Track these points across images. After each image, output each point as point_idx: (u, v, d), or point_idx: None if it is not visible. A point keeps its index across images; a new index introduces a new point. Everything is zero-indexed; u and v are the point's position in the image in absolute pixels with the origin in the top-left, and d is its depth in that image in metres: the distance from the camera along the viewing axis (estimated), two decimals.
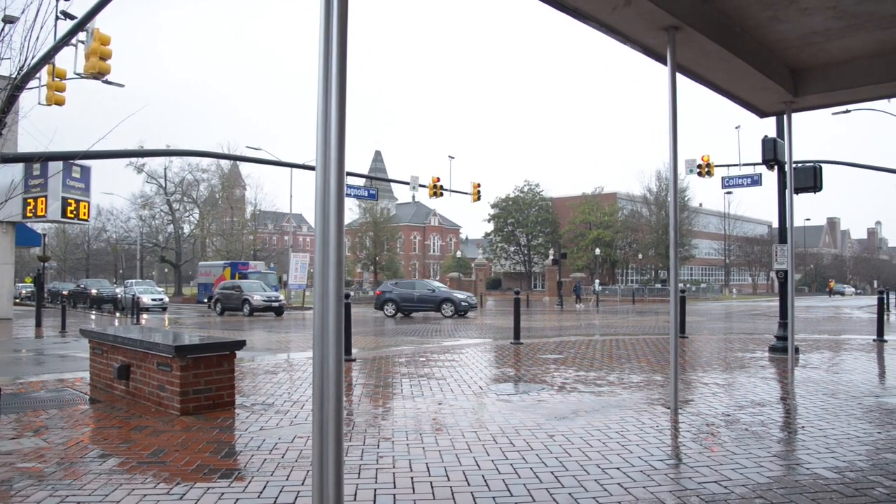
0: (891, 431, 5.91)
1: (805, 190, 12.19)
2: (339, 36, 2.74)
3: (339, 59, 2.73)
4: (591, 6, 5.70)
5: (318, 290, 2.71)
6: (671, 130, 6.57)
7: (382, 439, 5.68)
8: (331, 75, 2.73)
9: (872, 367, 10.35)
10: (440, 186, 32.56)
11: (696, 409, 6.93)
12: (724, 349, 12.90)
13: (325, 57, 2.74)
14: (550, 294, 60.76)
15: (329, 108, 2.73)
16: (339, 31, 2.73)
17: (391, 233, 77.79)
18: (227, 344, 7.06)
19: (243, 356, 11.29)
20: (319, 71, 2.75)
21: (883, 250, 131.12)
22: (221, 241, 62.35)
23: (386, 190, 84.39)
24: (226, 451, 5.30)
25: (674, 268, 6.71)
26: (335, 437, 2.69)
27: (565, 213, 71.60)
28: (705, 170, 29.07)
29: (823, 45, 7.45)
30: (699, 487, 4.34)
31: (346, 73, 2.75)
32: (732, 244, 79.93)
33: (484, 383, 8.66)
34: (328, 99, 2.73)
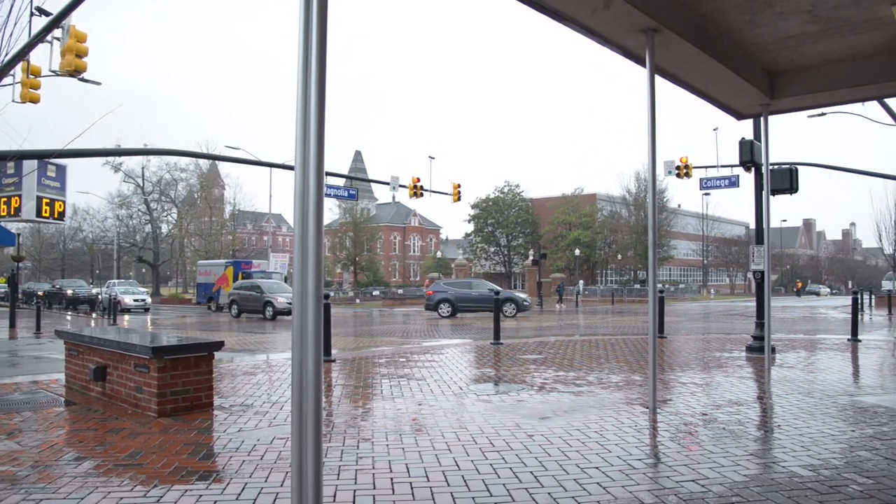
0: (864, 430, 6.00)
1: (781, 191, 12.33)
2: (319, 36, 2.73)
3: (318, 59, 2.73)
4: (570, 8, 5.73)
5: (297, 291, 2.70)
6: (650, 132, 6.62)
7: (362, 440, 5.67)
8: (310, 74, 2.72)
9: (847, 366, 10.49)
10: (420, 187, 32.55)
11: (675, 409, 6.99)
12: (702, 349, 13.02)
13: (305, 56, 2.74)
14: (530, 294, 60.91)
15: (308, 107, 2.72)
16: (318, 31, 2.73)
17: (371, 233, 77.63)
18: (205, 345, 7.00)
19: (222, 357, 11.22)
20: (299, 70, 2.75)
21: (857, 251, 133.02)
22: (200, 241, 61.85)
23: (366, 190, 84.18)
24: (204, 452, 5.26)
25: (652, 268, 6.76)
26: (314, 438, 2.68)
27: (545, 213, 71.88)
28: (684, 171, 29.31)
29: (799, 48, 7.55)
30: (677, 486, 4.38)
31: (325, 72, 2.75)
32: (710, 245, 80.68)
33: (464, 383, 8.67)
34: (307, 98, 2.72)
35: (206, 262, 45.21)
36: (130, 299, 37.79)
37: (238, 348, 14.80)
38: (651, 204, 6.84)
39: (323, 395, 7.69)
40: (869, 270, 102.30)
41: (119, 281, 50.71)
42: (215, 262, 42.53)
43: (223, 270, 38.64)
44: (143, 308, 38.02)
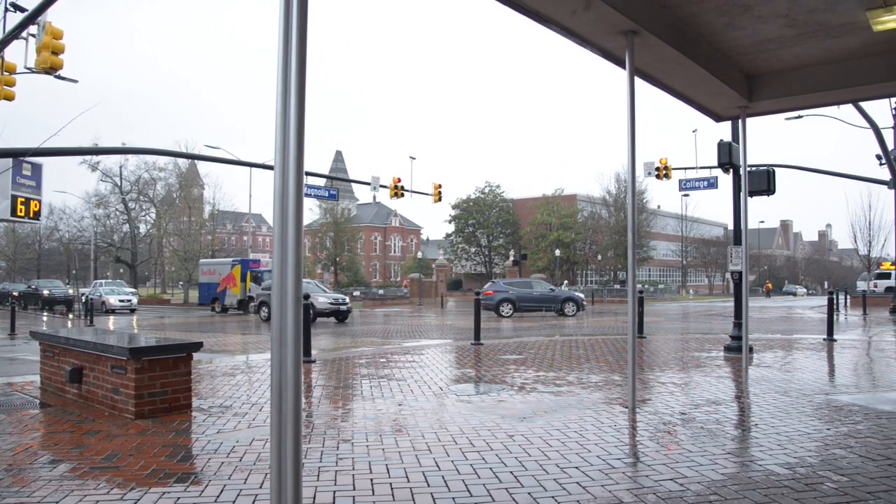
0: (839, 428, 6.08)
1: (759, 193, 12.47)
2: (299, 36, 2.72)
3: (298, 59, 2.71)
4: (551, 9, 5.75)
5: (277, 292, 2.69)
6: (629, 133, 6.66)
7: (342, 441, 5.65)
8: (289, 74, 2.71)
9: (823, 365, 10.63)
10: (401, 187, 32.52)
11: (654, 409, 7.03)
12: (681, 349, 13.12)
13: (284, 56, 2.73)
14: None
15: (288, 107, 2.71)
16: (298, 31, 2.72)
17: (352, 233, 77.39)
18: (183, 346, 6.94)
19: (200, 358, 11.13)
20: (278, 70, 2.74)
21: (833, 252, 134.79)
22: (178, 241, 61.28)
23: (347, 190, 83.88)
24: (182, 454, 5.21)
25: (632, 269, 6.80)
26: (293, 439, 2.66)
27: (526, 214, 72.12)
28: (663, 172, 29.54)
29: (776, 52, 7.64)
30: (656, 485, 4.41)
31: (305, 72, 2.74)
32: (689, 246, 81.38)
33: (444, 384, 8.67)
34: (287, 98, 2.71)
35: (210, 260, 43.21)
36: (116, 300, 36.73)
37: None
38: (631, 205, 6.88)
39: (303, 397, 7.66)
40: (844, 271, 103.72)
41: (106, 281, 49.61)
42: (220, 261, 40.54)
43: (229, 270, 36.72)
44: (130, 309, 36.89)
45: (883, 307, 30.48)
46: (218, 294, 36.76)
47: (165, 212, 61.87)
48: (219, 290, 36.75)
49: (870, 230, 49.00)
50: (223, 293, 36.41)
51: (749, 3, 6.30)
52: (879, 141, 25.41)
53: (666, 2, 6.35)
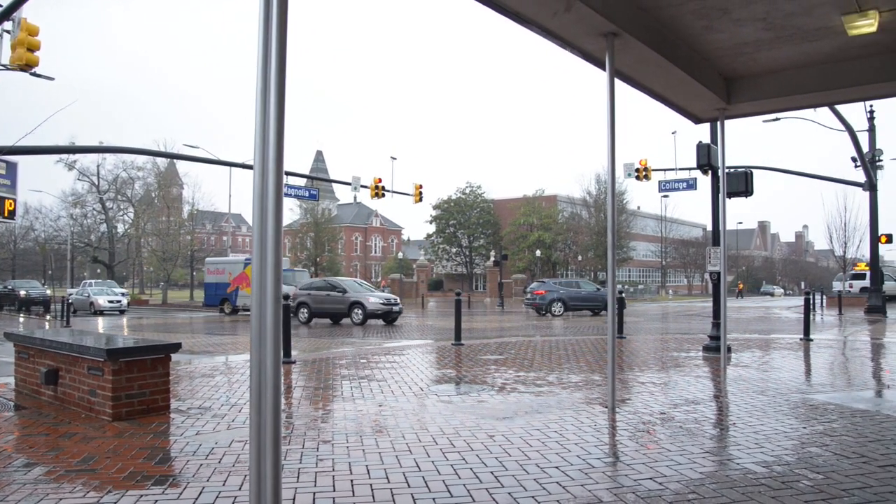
0: (815, 426, 6.15)
1: (737, 194, 12.57)
2: (279, 35, 2.71)
3: (278, 58, 2.70)
4: (531, 11, 5.77)
5: (256, 292, 2.68)
6: (609, 135, 6.69)
7: (322, 442, 5.63)
8: (269, 73, 2.70)
9: (799, 364, 10.75)
10: (382, 187, 32.46)
11: (633, 408, 7.08)
12: (661, 349, 13.22)
13: (264, 55, 2.71)
14: (492, 295, 61.20)
15: (268, 106, 2.69)
16: (278, 31, 2.70)
17: (332, 233, 77.12)
18: (161, 347, 6.87)
19: (179, 359, 11.04)
20: (258, 69, 2.72)
21: (809, 253, 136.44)
22: (157, 240, 60.74)
23: (327, 190, 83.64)
24: (160, 456, 5.16)
25: (612, 269, 6.83)
26: (273, 440, 2.65)
27: (506, 214, 72.25)
28: (643, 173, 29.76)
29: (754, 55, 7.72)
30: (635, 484, 4.44)
31: (285, 71, 2.72)
32: (669, 246, 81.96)
33: (425, 384, 8.67)
34: (266, 97, 2.70)
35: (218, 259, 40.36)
36: (105, 300, 35.47)
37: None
38: (610, 205, 6.92)
39: (282, 397, 7.62)
40: (820, 272, 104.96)
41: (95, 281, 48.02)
42: (231, 259, 38.07)
43: (242, 269, 34.12)
44: (119, 310, 35.71)
45: (858, 307, 30.89)
46: (228, 294, 34.32)
47: (144, 211, 61.31)
48: (229, 290, 34.31)
49: (845, 231, 49.65)
50: (234, 293, 34.07)
51: (727, 6, 6.37)
52: (854, 144, 25.77)
53: (645, 4, 6.40)
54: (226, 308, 34.27)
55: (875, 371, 10.23)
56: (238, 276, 34.17)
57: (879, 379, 9.39)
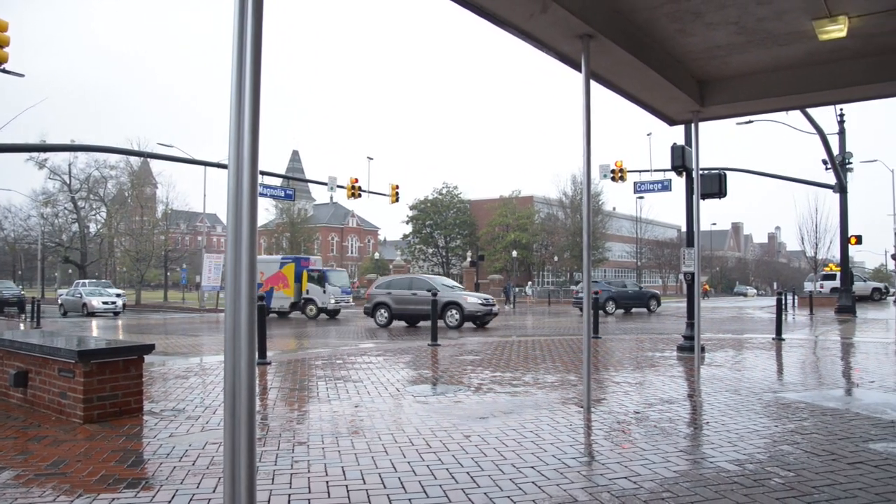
0: (787, 425, 6.24)
1: (711, 196, 12.71)
2: (254, 34, 2.69)
3: (253, 56, 2.68)
4: (508, 12, 5.79)
5: (230, 292, 2.65)
6: (585, 136, 6.73)
7: (298, 443, 5.60)
8: (244, 71, 2.68)
9: (771, 364, 10.90)
10: (358, 187, 32.37)
11: (609, 408, 7.13)
12: (636, 349, 13.32)
13: (239, 53, 2.69)
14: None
15: (242, 104, 2.67)
16: (253, 29, 2.68)
17: (308, 234, 76.87)
18: (134, 348, 6.80)
19: (153, 360, 10.91)
20: (233, 66, 2.70)
21: (782, 254, 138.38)
22: (130, 240, 59.99)
23: (303, 190, 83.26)
24: (132, 459, 5.10)
25: (587, 270, 6.87)
26: (247, 442, 2.63)
27: (483, 215, 72.42)
28: (618, 175, 29.96)
29: (726, 58, 7.81)
30: (610, 483, 4.47)
31: (259, 68, 2.71)
32: (644, 247, 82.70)
33: (401, 385, 8.65)
34: (241, 95, 2.68)
35: None
36: (99, 302, 34.02)
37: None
38: (586, 206, 6.95)
39: (257, 399, 7.57)
40: (792, 272, 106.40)
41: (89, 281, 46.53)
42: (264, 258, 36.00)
43: (278, 268, 32.76)
44: (114, 312, 34.04)
45: (828, 307, 31.36)
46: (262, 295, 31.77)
47: (117, 211, 60.49)
48: (262, 289, 32.19)
49: (816, 233, 50.55)
50: (268, 294, 32.29)
51: (700, 10, 6.44)
52: (825, 146, 26.16)
53: (621, 7, 6.45)
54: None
55: (845, 370, 10.40)
56: (273, 276, 32.77)
57: (849, 378, 9.55)
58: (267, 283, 32.44)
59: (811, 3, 6.28)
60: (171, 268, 63.63)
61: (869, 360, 11.31)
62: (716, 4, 6.31)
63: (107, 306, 34.00)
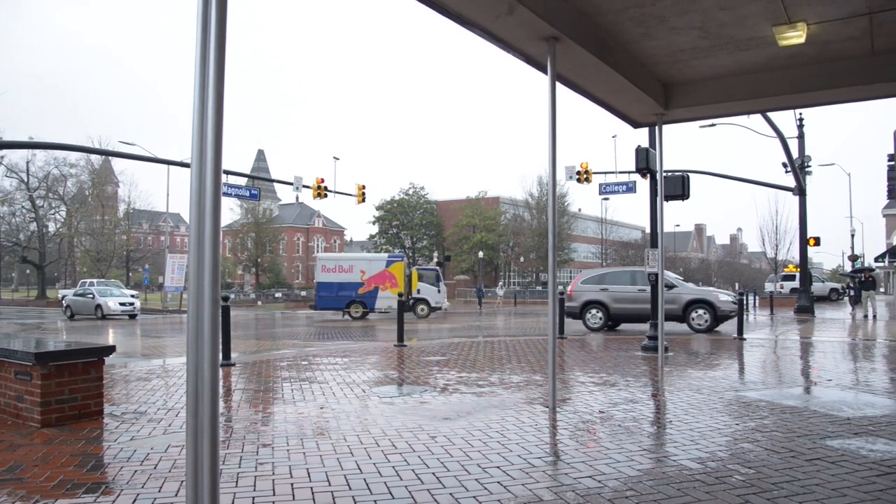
0: (748, 423, 6.35)
1: (674, 197, 12.89)
2: (218, 29, 2.66)
3: (216, 52, 2.65)
4: (474, 13, 5.80)
5: (193, 293, 2.62)
6: (550, 137, 6.78)
7: (262, 445, 5.54)
8: (208, 67, 2.65)
9: (733, 363, 11.09)
10: (324, 187, 32.16)
11: (574, 408, 7.18)
12: (601, 349, 13.45)
13: (203, 49, 2.66)
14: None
15: (206, 102, 2.64)
16: (217, 25, 2.65)
17: (274, 234, 76.17)
18: (94, 350, 6.66)
19: (114, 362, 10.72)
20: (196, 62, 2.66)
21: (743, 255, 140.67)
22: (91, 240, 58.87)
23: (269, 190, 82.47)
24: (92, 463, 5.00)
25: (552, 270, 6.91)
26: (210, 444, 2.60)
27: (450, 216, 72.49)
28: (584, 176, 30.20)
29: (690, 62, 7.93)
30: (575, 483, 4.50)
31: (224, 65, 2.68)
32: (609, 248, 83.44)
33: (367, 386, 8.62)
34: (205, 92, 2.64)
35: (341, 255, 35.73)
36: (115, 303, 30.71)
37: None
38: (551, 207, 7.00)
39: (221, 401, 7.48)
40: (754, 273, 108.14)
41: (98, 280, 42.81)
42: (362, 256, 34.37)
43: (384, 267, 30.84)
44: (131, 314, 31.12)
45: (788, 307, 32.02)
46: (360, 296, 30.36)
47: (77, 210, 59.35)
48: (361, 290, 30.42)
49: (776, 234, 51.60)
50: (372, 293, 30.40)
51: (664, 14, 6.53)
52: (785, 150, 26.71)
53: (587, 10, 6.51)
54: (354, 311, 30.03)
55: (804, 369, 10.63)
56: (378, 275, 30.68)
57: (808, 376, 9.76)
58: (370, 282, 30.58)
59: (772, 9, 6.41)
60: (133, 268, 62.51)
61: (826, 359, 11.57)
62: (679, 9, 6.41)
63: (124, 308, 30.99)
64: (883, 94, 8.59)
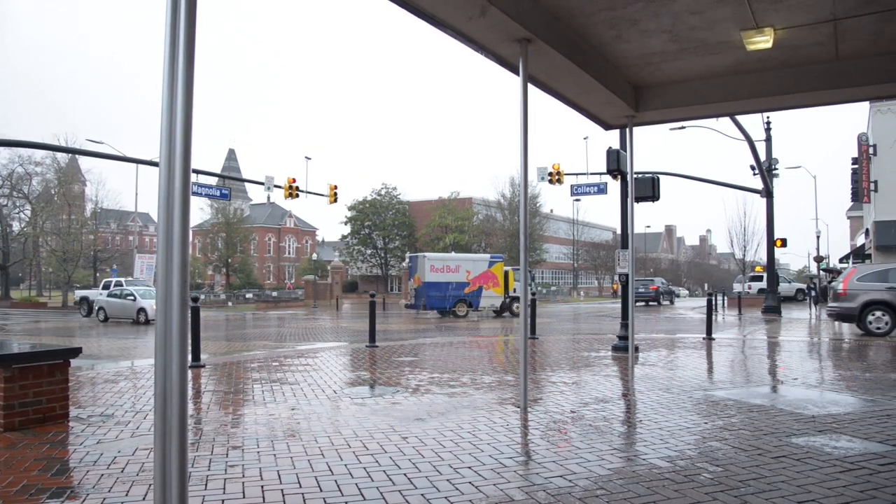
0: (716, 421, 6.44)
1: (645, 199, 13.02)
2: (187, 27, 2.63)
3: (186, 49, 2.62)
4: (447, 14, 5.81)
5: (162, 293, 2.59)
6: (522, 138, 6.81)
7: (232, 448, 5.49)
8: (177, 65, 2.62)
9: (702, 363, 11.23)
10: (296, 187, 31.96)
11: (545, 408, 7.22)
12: (572, 349, 13.53)
13: (172, 47, 2.63)
14: (406, 297, 61.10)
15: (175, 100, 2.61)
16: (186, 23, 2.62)
17: (245, 234, 75.40)
18: (59, 351, 6.54)
19: (80, 364, 10.53)
20: (165, 60, 2.63)
21: (712, 256, 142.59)
22: (57, 240, 57.74)
23: (240, 190, 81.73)
24: (57, 468, 4.91)
25: (524, 271, 6.94)
26: (179, 447, 2.57)
27: (422, 216, 72.45)
28: (556, 178, 30.38)
29: (661, 65, 8.02)
30: (546, 482, 4.52)
31: (193, 64, 2.65)
32: (580, 249, 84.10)
33: (338, 387, 8.58)
34: (174, 90, 2.62)
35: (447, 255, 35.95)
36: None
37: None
38: (523, 208, 7.03)
39: (190, 402, 7.39)
40: (722, 274, 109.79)
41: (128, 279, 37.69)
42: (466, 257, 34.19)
43: (486, 267, 31.48)
44: None
45: (756, 307, 32.53)
46: (466, 295, 30.97)
47: (42, 209, 58.11)
48: (467, 290, 31.09)
49: (745, 235, 52.46)
50: (477, 293, 31.20)
51: (636, 17, 6.59)
52: (753, 153, 27.13)
53: (559, 12, 6.55)
54: (459, 310, 30.87)
55: (771, 368, 10.80)
56: (482, 275, 31.46)
57: (774, 375, 9.91)
58: (475, 282, 31.20)
59: (740, 14, 6.51)
60: (101, 268, 61.40)
61: (792, 358, 11.77)
62: (651, 12, 6.48)
63: None
64: (847, 98, 8.78)
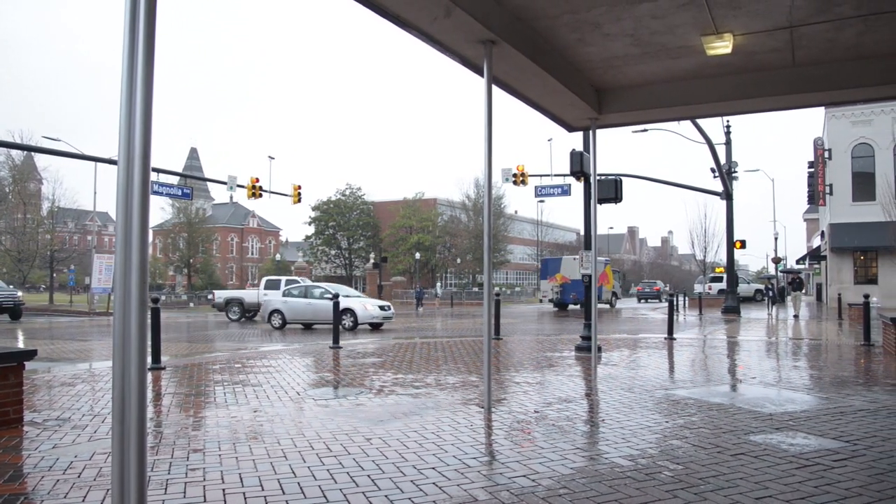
0: (677, 420, 6.53)
1: (607, 200, 13.17)
2: (147, 24, 2.58)
3: (146, 45, 2.58)
4: (412, 15, 5.81)
5: (120, 294, 2.54)
6: (486, 140, 6.82)
7: (193, 451, 5.40)
8: (136, 61, 2.57)
9: (663, 362, 11.39)
10: (259, 187, 31.65)
11: (509, 408, 7.25)
12: (536, 349, 13.62)
13: (131, 42, 2.58)
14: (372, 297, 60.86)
15: (133, 96, 2.57)
16: (146, 20, 2.58)
17: (207, 234, 74.48)
18: (13, 354, 6.38)
19: (36, 367, 10.28)
20: (124, 56, 2.59)
21: (674, 256, 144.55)
22: (11, 239, 56.31)
23: (202, 189, 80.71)
24: (10, 474, 4.78)
25: (488, 272, 6.96)
26: (137, 451, 2.53)
27: (386, 217, 72.27)
28: (520, 179, 30.56)
29: (623, 68, 8.13)
30: (509, 482, 4.54)
31: (153, 59, 2.60)
32: (544, 250, 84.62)
33: (301, 388, 8.52)
34: (133, 86, 2.57)
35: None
36: (375, 308, 22.54)
37: None
38: (487, 209, 7.05)
39: (150, 405, 7.27)
40: (684, 274, 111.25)
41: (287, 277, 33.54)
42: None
43: (603, 267, 34.75)
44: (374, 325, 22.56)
45: (716, 308, 33.07)
46: None
47: None
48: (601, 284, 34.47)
49: (705, 237, 53.20)
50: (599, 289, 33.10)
51: (599, 21, 6.67)
52: (713, 155, 27.60)
53: (523, 14, 6.59)
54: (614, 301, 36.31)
55: (730, 367, 10.99)
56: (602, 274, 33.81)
57: (734, 374, 10.10)
58: (600, 279, 33.18)
59: (701, 19, 6.62)
60: (58, 269, 60.04)
61: (751, 358, 12.01)
62: (613, 16, 6.56)
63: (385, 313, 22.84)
64: (803, 103, 9.00)
